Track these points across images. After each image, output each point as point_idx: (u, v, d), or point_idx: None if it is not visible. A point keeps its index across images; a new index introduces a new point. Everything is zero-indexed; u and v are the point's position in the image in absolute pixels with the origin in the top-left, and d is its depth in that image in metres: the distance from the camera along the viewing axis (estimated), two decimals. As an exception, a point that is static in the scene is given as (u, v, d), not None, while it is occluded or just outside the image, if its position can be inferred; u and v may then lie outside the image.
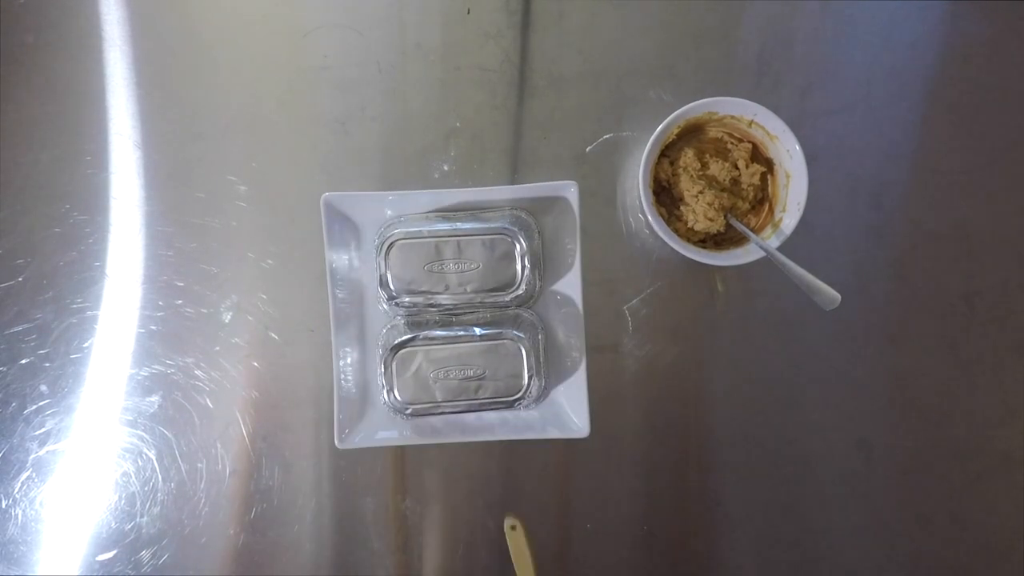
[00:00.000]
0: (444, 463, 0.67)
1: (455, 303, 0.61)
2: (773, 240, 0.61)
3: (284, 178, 0.68)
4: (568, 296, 0.64)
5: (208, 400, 0.68)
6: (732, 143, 0.64)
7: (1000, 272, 0.67)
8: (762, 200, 0.64)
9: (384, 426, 0.64)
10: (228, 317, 0.68)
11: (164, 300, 0.68)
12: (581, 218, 0.63)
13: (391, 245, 0.60)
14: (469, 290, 0.60)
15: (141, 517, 0.67)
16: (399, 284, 0.60)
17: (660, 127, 0.60)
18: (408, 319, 0.63)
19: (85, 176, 0.68)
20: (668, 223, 0.62)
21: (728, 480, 0.67)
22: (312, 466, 0.67)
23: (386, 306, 0.63)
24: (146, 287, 0.68)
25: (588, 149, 0.67)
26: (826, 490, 0.67)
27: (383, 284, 0.60)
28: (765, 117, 0.60)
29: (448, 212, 0.63)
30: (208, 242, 0.68)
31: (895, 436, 0.67)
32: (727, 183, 0.62)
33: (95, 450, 0.68)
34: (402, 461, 0.67)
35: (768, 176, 0.64)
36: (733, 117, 0.62)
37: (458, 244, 0.60)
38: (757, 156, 0.64)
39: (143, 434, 0.68)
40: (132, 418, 0.68)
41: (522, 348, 0.60)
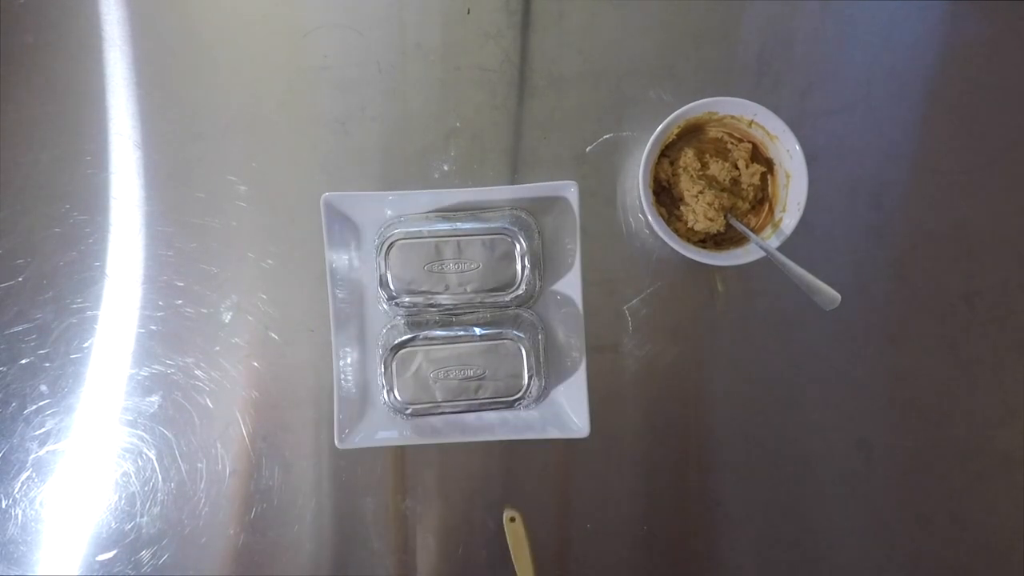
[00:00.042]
0: (444, 463, 0.67)
1: (455, 303, 0.61)
2: (773, 240, 0.61)
3: (284, 178, 0.68)
4: (568, 296, 0.64)
5: (208, 400, 0.68)
6: (732, 143, 0.64)
7: (1000, 272, 0.67)
8: (762, 200, 0.64)
9: (384, 426, 0.64)
10: (228, 317, 0.68)
11: (164, 300, 0.68)
12: (581, 218, 0.63)
13: (391, 245, 0.60)
14: (469, 290, 0.60)
15: (141, 517, 0.67)
16: (399, 284, 0.60)
17: (660, 127, 0.60)
18: (408, 319, 0.63)
19: (85, 176, 0.68)
20: (668, 223, 0.62)
21: (728, 480, 0.67)
22: (312, 466, 0.67)
23: (386, 306, 0.63)
24: (146, 287, 0.68)
25: (588, 149, 0.67)
26: (826, 490, 0.67)
27: (383, 284, 0.60)
28: (765, 117, 0.60)
29: (448, 212, 0.63)
30: (208, 242, 0.68)
31: (895, 436, 0.67)
32: (727, 183, 0.62)
33: (95, 450, 0.68)
34: (402, 461, 0.67)
35: (768, 176, 0.64)
36: (733, 117, 0.62)
37: (458, 244, 0.60)
38: (757, 156, 0.64)
39: (143, 434, 0.68)
40: (132, 418, 0.68)
41: (522, 348, 0.60)
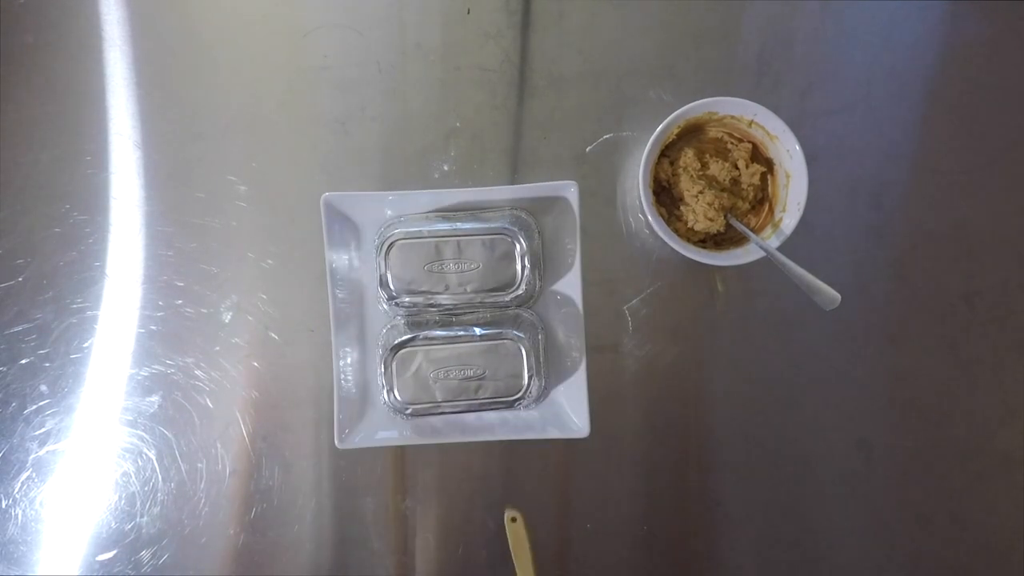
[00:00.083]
0: (444, 463, 0.67)
1: (455, 303, 0.61)
2: (773, 240, 0.61)
3: (284, 178, 0.68)
4: (568, 296, 0.64)
5: (208, 400, 0.68)
6: (732, 143, 0.64)
7: (1000, 272, 0.67)
8: (762, 200, 0.64)
9: (384, 426, 0.64)
10: (228, 317, 0.68)
11: (164, 300, 0.68)
12: (581, 218, 0.63)
13: (391, 245, 0.60)
14: (469, 290, 0.60)
15: (141, 517, 0.67)
16: (399, 284, 0.60)
17: (660, 127, 0.60)
18: (408, 319, 0.63)
19: (85, 176, 0.68)
20: (668, 223, 0.62)
21: (728, 480, 0.67)
22: (312, 466, 0.67)
23: (386, 306, 0.63)
24: (146, 287, 0.68)
25: (588, 149, 0.67)
26: (826, 490, 0.67)
27: (383, 284, 0.60)
28: (765, 117, 0.60)
29: (448, 212, 0.63)
30: (208, 242, 0.68)
31: (895, 436, 0.67)
32: (727, 183, 0.62)
33: (95, 450, 0.68)
34: (402, 461, 0.67)
35: (768, 176, 0.64)
36: (733, 117, 0.62)
37: (458, 244, 0.60)
38: (757, 156, 0.64)
39: (143, 434, 0.68)
40: (132, 418, 0.68)
41: (522, 348, 0.60)
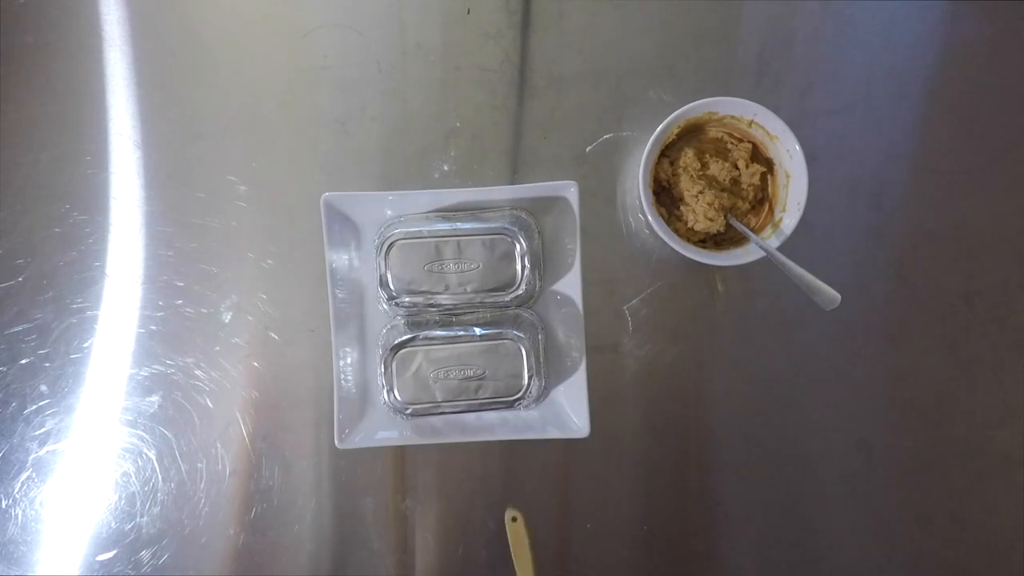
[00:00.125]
0: (444, 463, 0.67)
1: (455, 303, 0.61)
2: (773, 240, 0.61)
3: (284, 178, 0.68)
4: (568, 296, 0.64)
5: (208, 400, 0.68)
6: (732, 143, 0.64)
7: (1000, 272, 0.67)
8: (762, 200, 0.64)
9: (384, 426, 0.64)
10: (228, 317, 0.68)
11: (164, 300, 0.68)
12: (581, 218, 0.63)
13: (391, 245, 0.60)
14: (469, 290, 0.60)
15: (141, 517, 0.67)
16: (399, 284, 0.60)
17: (660, 127, 0.60)
18: (408, 319, 0.63)
19: (85, 176, 0.68)
20: (668, 223, 0.62)
21: (728, 480, 0.67)
22: (312, 466, 0.67)
23: (386, 306, 0.63)
24: (146, 287, 0.68)
25: (588, 149, 0.67)
26: (826, 490, 0.67)
27: (383, 284, 0.60)
28: (765, 117, 0.60)
29: (448, 212, 0.63)
30: (208, 242, 0.68)
31: (895, 436, 0.67)
32: (727, 183, 0.62)
33: (95, 450, 0.68)
34: (402, 461, 0.67)
35: (768, 176, 0.64)
36: (733, 117, 0.62)
37: (458, 244, 0.60)
38: (757, 156, 0.64)
39: (143, 434, 0.68)
40: (132, 418, 0.68)
41: (522, 348, 0.60)
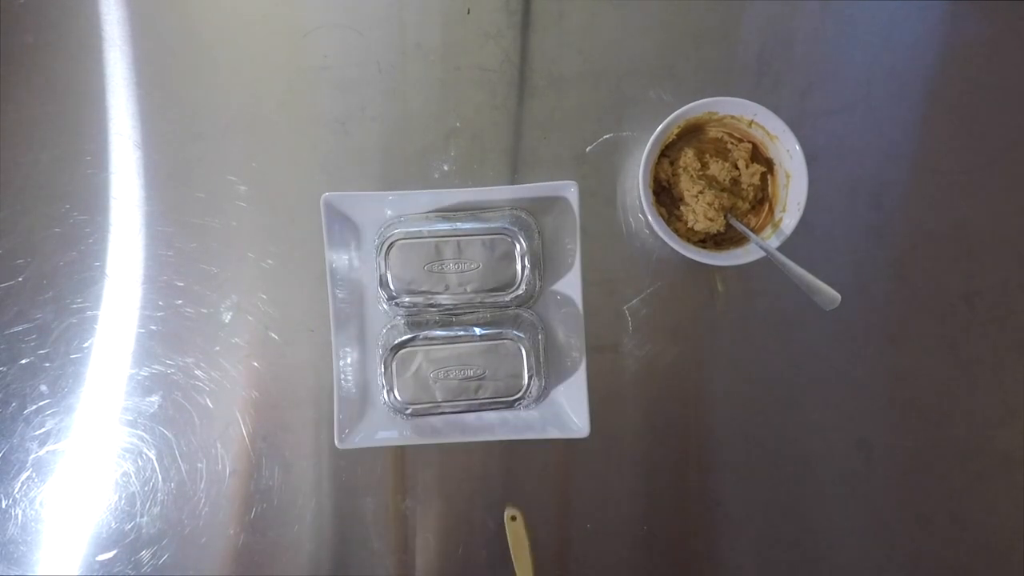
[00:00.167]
0: (444, 463, 0.67)
1: (455, 303, 0.61)
2: (773, 240, 0.61)
3: (284, 178, 0.68)
4: (568, 296, 0.64)
5: (208, 400, 0.68)
6: (732, 143, 0.64)
7: (1000, 272, 0.67)
8: (762, 200, 0.64)
9: (384, 426, 0.64)
10: (228, 317, 0.68)
11: (164, 300, 0.68)
12: (581, 218, 0.63)
13: (391, 245, 0.60)
14: (469, 290, 0.60)
15: (141, 517, 0.67)
16: (399, 284, 0.60)
17: (660, 127, 0.60)
18: (408, 319, 0.63)
19: (85, 176, 0.68)
20: (668, 223, 0.62)
21: (728, 480, 0.67)
22: (312, 466, 0.67)
23: (386, 306, 0.63)
24: (146, 287, 0.68)
25: (588, 149, 0.67)
26: (826, 490, 0.67)
27: (383, 284, 0.60)
28: (765, 117, 0.60)
29: (448, 212, 0.63)
30: (208, 242, 0.68)
31: (895, 436, 0.67)
32: (727, 183, 0.62)
33: (95, 450, 0.68)
34: (402, 461, 0.67)
35: (768, 176, 0.64)
36: (733, 117, 0.62)
37: (458, 244, 0.60)
38: (757, 156, 0.64)
39: (143, 434, 0.68)
40: (132, 418, 0.68)
41: (522, 348, 0.60)
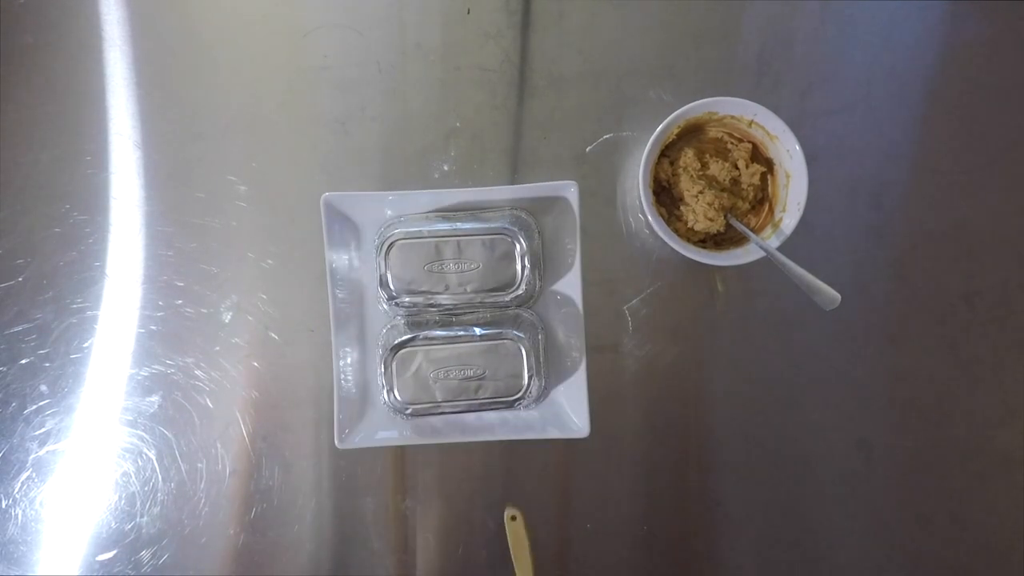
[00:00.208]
0: (444, 463, 0.67)
1: (455, 303, 0.61)
2: (773, 240, 0.61)
3: (284, 178, 0.68)
4: (568, 296, 0.64)
5: (208, 400, 0.68)
6: (732, 143, 0.64)
7: (1000, 272, 0.67)
8: (762, 200, 0.64)
9: (384, 426, 0.64)
10: (228, 317, 0.68)
11: (164, 300, 0.68)
12: (581, 218, 0.63)
13: (391, 245, 0.60)
14: (469, 290, 0.60)
15: (141, 517, 0.67)
16: (399, 284, 0.60)
17: (660, 127, 0.60)
18: (408, 319, 0.63)
19: (85, 176, 0.68)
20: (668, 223, 0.62)
21: (728, 480, 0.67)
22: (312, 466, 0.67)
23: (386, 306, 0.63)
24: (146, 287, 0.68)
25: (588, 149, 0.67)
26: (826, 490, 0.67)
27: (383, 284, 0.60)
28: (765, 117, 0.60)
29: (448, 212, 0.63)
30: (208, 242, 0.68)
31: (895, 436, 0.67)
32: (727, 183, 0.62)
33: (95, 450, 0.68)
34: (402, 461, 0.67)
35: (768, 176, 0.64)
36: (733, 117, 0.62)
37: (458, 244, 0.60)
38: (757, 156, 0.64)
39: (143, 434, 0.68)
40: (132, 418, 0.68)
41: (522, 348, 0.60)
